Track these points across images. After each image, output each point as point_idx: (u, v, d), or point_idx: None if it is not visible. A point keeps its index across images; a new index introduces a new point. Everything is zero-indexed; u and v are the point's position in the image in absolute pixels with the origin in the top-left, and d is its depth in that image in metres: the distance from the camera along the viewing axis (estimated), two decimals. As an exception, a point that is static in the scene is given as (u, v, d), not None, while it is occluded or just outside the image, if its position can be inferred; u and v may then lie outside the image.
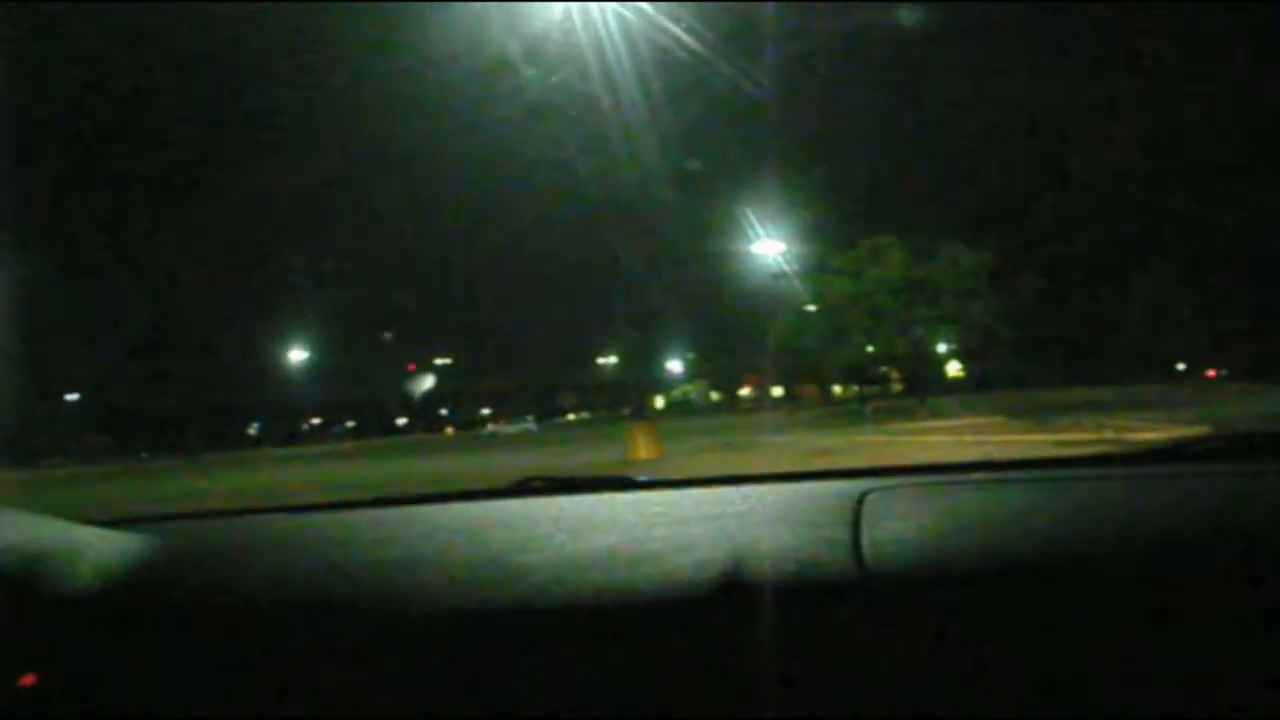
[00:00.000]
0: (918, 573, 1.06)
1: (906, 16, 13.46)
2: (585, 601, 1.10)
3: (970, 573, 1.05)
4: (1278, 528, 1.09)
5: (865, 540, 1.14)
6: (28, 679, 1.12)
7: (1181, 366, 31.16)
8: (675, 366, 46.24)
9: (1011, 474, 1.47)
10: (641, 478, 1.63)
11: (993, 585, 1.03)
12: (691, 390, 50.55)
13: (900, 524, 1.18)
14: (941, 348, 29.27)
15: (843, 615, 1.02)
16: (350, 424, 56.34)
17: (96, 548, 1.31)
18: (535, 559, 1.20)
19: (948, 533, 1.14)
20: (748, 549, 1.15)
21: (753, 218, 23.34)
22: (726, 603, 1.06)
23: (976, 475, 1.45)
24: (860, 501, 1.27)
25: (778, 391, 42.52)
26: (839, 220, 26.78)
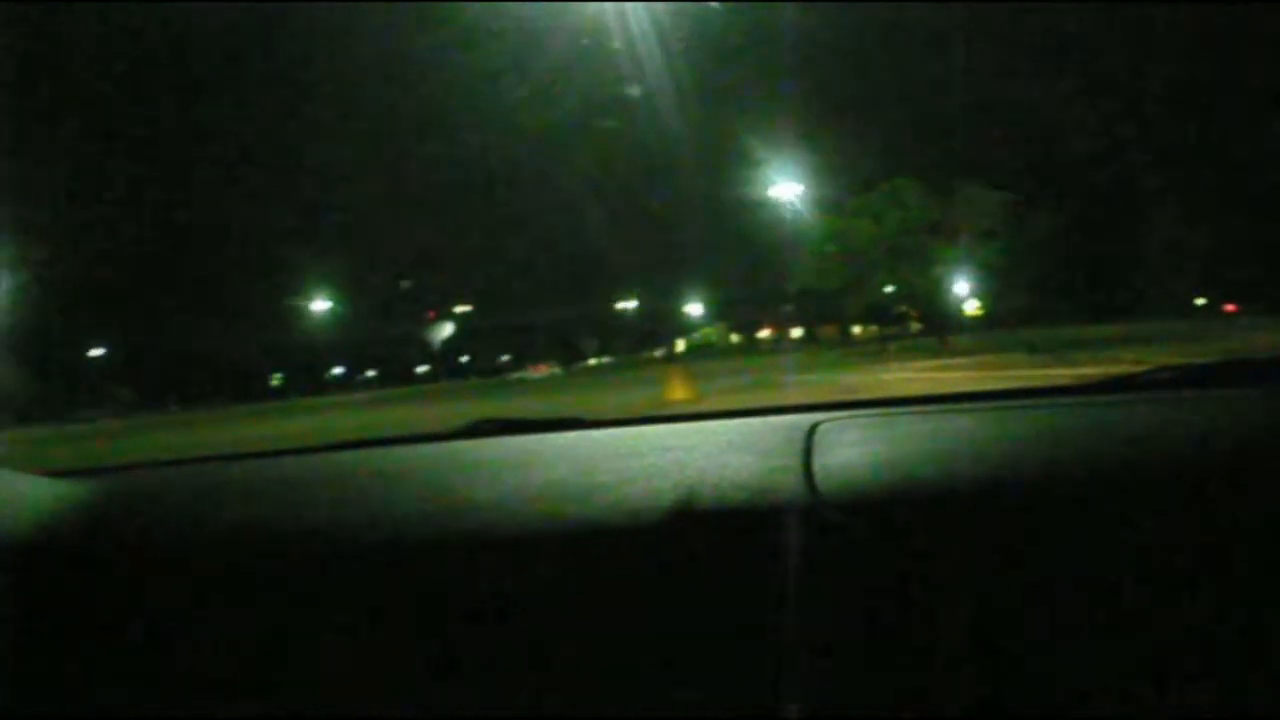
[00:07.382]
0: (870, 497, 1.06)
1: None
2: (532, 532, 1.10)
3: (922, 496, 1.05)
4: (1225, 451, 1.10)
5: (816, 467, 1.14)
6: None
7: (1201, 301, 31.13)
8: (695, 309, 46.29)
9: (963, 404, 1.46)
10: (591, 418, 1.62)
11: (944, 508, 1.03)
12: (712, 333, 50.47)
13: (852, 451, 1.18)
14: (961, 286, 29.44)
15: (793, 539, 1.02)
16: (371, 373, 56.39)
17: (41, 497, 1.28)
18: (483, 494, 1.20)
19: (900, 459, 1.14)
20: (697, 478, 1.15)
21: (770, 159, 23.42)
22: (676, 530, 1.05)
23: (929, 406, 1.45)
24: (811, 432, 1.26)
25: (797, 333, 42.68)
26: (856, 160, 26.80)
